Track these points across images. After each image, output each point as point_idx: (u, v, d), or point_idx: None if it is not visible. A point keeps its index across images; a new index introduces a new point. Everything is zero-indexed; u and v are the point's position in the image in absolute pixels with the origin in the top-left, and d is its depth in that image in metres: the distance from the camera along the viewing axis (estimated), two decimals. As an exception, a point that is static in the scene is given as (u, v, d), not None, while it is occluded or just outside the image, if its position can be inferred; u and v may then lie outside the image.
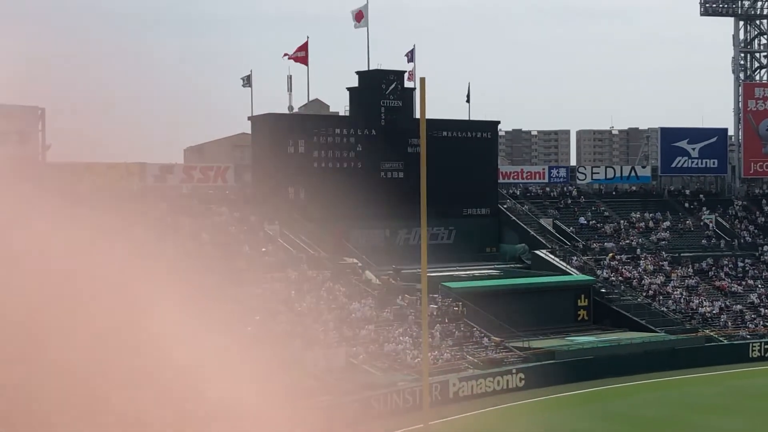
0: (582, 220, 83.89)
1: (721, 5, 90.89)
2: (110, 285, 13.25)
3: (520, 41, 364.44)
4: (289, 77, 75.53)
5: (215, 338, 14.29)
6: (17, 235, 13.10)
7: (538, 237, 79.38)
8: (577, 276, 73.97)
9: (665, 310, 73.13)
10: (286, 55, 74.14)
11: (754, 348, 68.69)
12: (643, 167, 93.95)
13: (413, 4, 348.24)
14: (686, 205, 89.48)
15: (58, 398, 11.63)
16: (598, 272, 75.82)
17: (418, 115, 52.54)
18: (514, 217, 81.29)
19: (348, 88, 75.14)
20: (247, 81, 74.01)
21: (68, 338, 12.13)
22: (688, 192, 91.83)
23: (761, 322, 73.26)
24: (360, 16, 74.79)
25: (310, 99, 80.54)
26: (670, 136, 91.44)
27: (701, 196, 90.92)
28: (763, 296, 77.10)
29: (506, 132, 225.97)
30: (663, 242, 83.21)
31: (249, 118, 73.17)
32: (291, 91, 75.81)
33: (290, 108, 75.71)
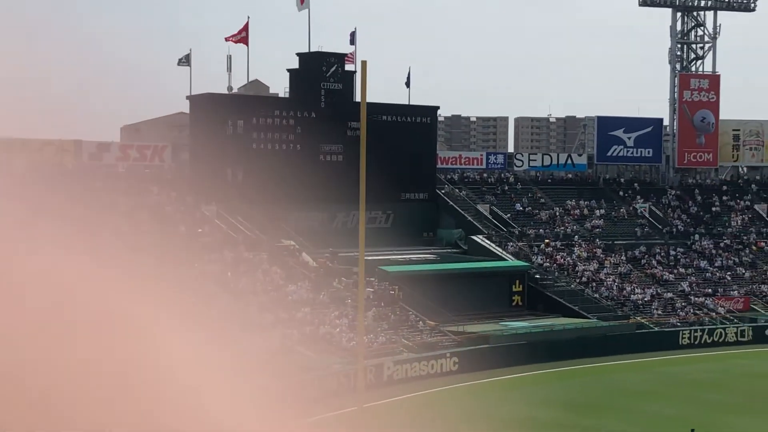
0: (518, 206, 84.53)
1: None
2: (45, 265, 13.10)
3: (461, 27, 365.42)
4: (229, 57, 74.99)
5: (156, 319, 14.18)
6: None
7: (474, 222, 79.85)
8: (512, 262, 74.58)
9: (598, 296, 74.06)
10: (228, 39, 73.62)
11: (684, 335, 69.80)
12: (580, 155, 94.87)
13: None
14: (621, 193, 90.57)
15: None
16: (533, 258, 76.51)
17: (358, 99, 52.57)
18: (451, 203, 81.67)
19: (288, 70, 74.79)
20: (186, 60, 73.32)
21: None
22: (622, 180, 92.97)
23: (691, 310, 74.49)
24: (303, -2, 74.40)
25: (250, 80, 79.98)
26: (606, 124, 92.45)
27: (635, 184, 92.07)
28: (693, 285, 78.37)
29: (445, 117, 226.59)
30: (597, 230, 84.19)
31: (187, 98, 72.52)
32: (230, 71, 75.26)
33: (229, 88, 75.20)
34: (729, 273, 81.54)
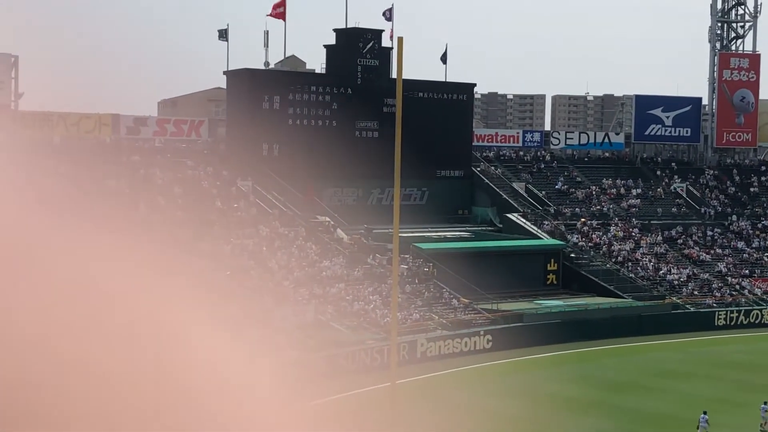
0: (558, 185, 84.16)
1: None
2: (82, 239, 13.16)
3: (498, 3, 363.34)
4: (266, 32, 75.06)
5: (185, 293, 14.23)
6: None
7: (510, 200, 79.62)
8: (547, 240, 74.35)
9: (633, 276, 73.68)
10: (268, 16, 73.79)
11: (719, 316, 69.36)
12: (617, 134, 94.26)
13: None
14: (658, 172, 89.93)
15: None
16: (569, 237, 76.21)
17: (394, 75, 52.50)
18: (487, 180, 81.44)
19: (325, 46, 74.79)
20: (224, 35, 73.48)
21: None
22: (660, 160, 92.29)
23: (728, 291, 73.96)
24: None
25: (287, 55, 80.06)
26: (644, 103, 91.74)
27: (673, 164, 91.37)
28: (730, 265, 77.78)
29: (482, 95, 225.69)
30: (634, 209, 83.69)
31: (224, 73, 72.75)
32: (268, 46, 75.34)
33: (266, 64, 75.27)
34: (766, 254, 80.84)
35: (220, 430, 12.59)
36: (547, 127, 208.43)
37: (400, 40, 29.36)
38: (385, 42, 74.54)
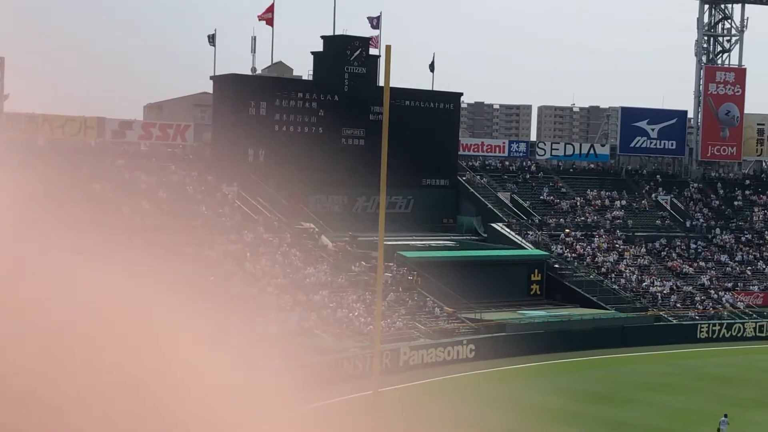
0: (543, 195, 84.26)
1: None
2: (64, 240, 13.10)
3: (486, 13, 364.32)
4: (254, 38, 74.99)
5: (169, 299, 14.15)
6: None
7: (495, 210, 79.66)
8: (531, 250, 74.40)
9: (617, 287, 73.80)
10: (258, 17, 73.69)
11: (702, 329, 69.53)
12: (602, 145, 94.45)
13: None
14: (642, 184, 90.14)
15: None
16: (553, 247, 76.30)
17: (381, 83, 52.52)
18: (472, 190, 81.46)
19: (312, 53, 74.73)
20: (212, 40, 73.35)
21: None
22: (645, 172, 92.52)
23: (710, 304, 74.16)
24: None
25: (274, 61, 79.99)
26: (630, 115, 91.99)
27: (658, 176, 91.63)
28: (713, 279, 77.99)
29: (468, 104, 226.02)
30: (618, 221, 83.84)
31: (211, 78, 72.58)
32: (255, 52, 75.26)
33: (253, 69, 75.18)
34: (749, 268, 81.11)
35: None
36: (533, 137, 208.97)
37: (388, 48, 29.32)
38: (372, 50, 74.57)
